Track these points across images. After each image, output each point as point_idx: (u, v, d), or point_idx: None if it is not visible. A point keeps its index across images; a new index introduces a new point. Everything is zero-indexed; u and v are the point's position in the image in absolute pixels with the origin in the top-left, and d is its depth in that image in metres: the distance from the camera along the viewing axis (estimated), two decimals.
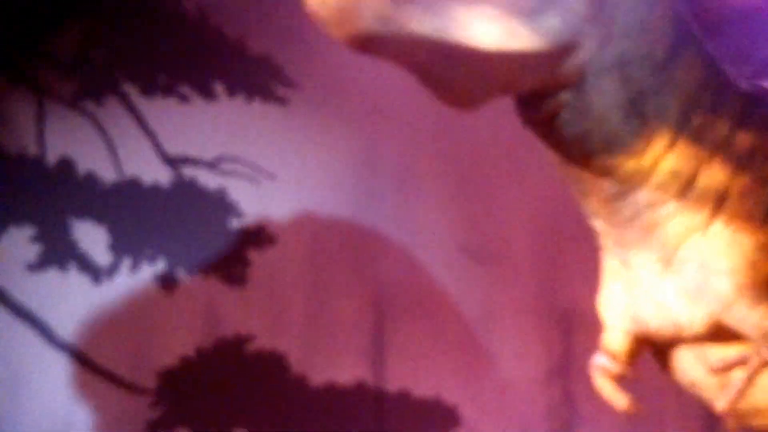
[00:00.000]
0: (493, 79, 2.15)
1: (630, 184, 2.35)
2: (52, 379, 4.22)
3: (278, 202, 4.65)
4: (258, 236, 4.62)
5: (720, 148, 2.36)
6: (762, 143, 2.44)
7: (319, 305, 4.74)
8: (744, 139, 2.41)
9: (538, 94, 2.22)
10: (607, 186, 2.38)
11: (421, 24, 1.93)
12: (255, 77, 4.62)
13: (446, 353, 4.92)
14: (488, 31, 1.98)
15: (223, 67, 4.60)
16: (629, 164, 2.32)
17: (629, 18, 2.20)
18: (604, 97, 2.21)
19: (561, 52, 2.10)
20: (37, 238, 4.27)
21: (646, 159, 2.32)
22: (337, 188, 4.84)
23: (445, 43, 1.97)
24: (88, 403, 4.27)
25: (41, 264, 4.27)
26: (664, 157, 2.33)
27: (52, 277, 4.29)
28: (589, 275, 2.97)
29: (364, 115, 4.69)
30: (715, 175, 2.36)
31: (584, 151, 2.31)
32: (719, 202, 2.35)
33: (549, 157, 2.40)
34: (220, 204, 4.58)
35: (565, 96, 2.21)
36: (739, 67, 2.79)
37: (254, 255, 4.62)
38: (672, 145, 2.30)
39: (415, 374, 4.84)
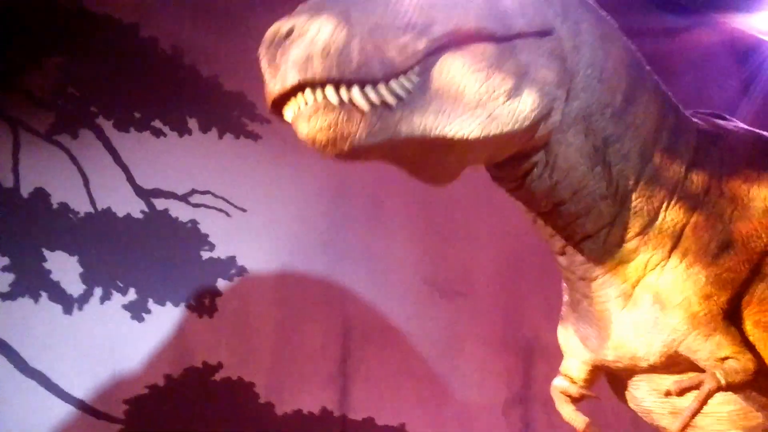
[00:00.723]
0: (471, 159, 2.21)
1: (596, 225, 2.46)
2: (22, 406, 4.19)
3: (248, 234, 4.71)
4: (228, 267, 4.69)
5: (677, 187, 2.47)
6: (716, 181, 2.54)
7: (286, 335, 4.78)
8: (699, 177, 2.50)
9: (510, 158, 2.28)
10: (575, 228, 2.49)
11: (410, 126, 1.98)
12: (227, 113, 4.72)
13: (410, 382, 4.98)
14: (471, 122, 2.02)
15: (197, 103, 4.68)
16: (596, 209, 2.43)
17: (588, 71, 2.29)
18: (570, 150, 2.30)
19: (538, 123, 2.16)
20: (9, 268, 4.26)
21: (612, 202, 2.43)
22: (306, 221, 4.89)
23: (431, 139, 2.01)
24: (57, 431, 4.26)
25: (13, 293, 4.26)
26: (628, 198, 2.44)
27: (23, 305, 4.28)
28: (549, 308, 3.06)
29: None
30: (674, 213, 2.45)
31: (553, 201, 2.39)
32: (676, 238, 2.46)
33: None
34: (192, 236, 4.64)
35: (536, 157, 2.28)
36: (696, 109, 2.89)
37: (224, 285, 4.68)
38: (635, 186, 2.41)
39: (380, 403, 4.90)
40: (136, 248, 4.52)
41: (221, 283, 4.68)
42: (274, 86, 1.93)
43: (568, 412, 2.84)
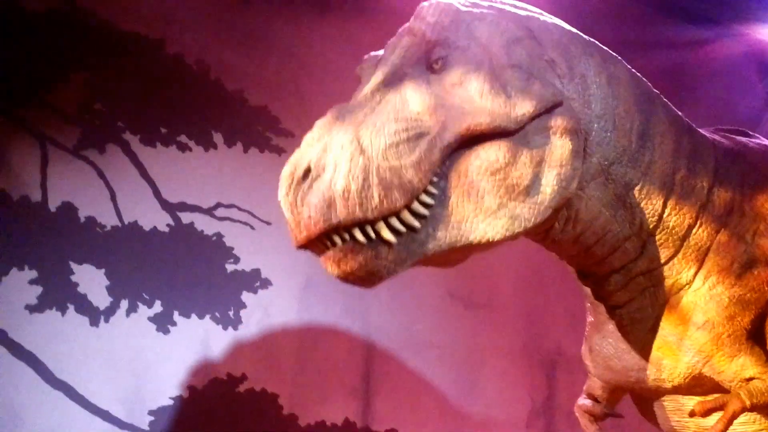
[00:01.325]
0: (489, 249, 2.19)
1: (622, 261, 2.45)
2: (49, 419, 4.23)
3: (273, 247, 4.72)
4: (253, 280, 4.72)
5: (700, 213, 2.46)
6: (738, 200, 2.53)
7: (310, 347, 4.79)
8: (720, 199, 2.49)
9: None
10: (602, 266, 2.49)
11: (436, 242, 1.98)
12: (252, 128, 4.76)
13: (433, 394, 4.98)
14: (494, 225, 2.01)
15: (222, 117, 4.72)
16: (621, 248, 2.42)
17: (602, 123, 2.30)
18: (591, 202, 2.31)
19: (561, 205, 2.17)
20: (37, 281, 4.30)
21: (637, 239, 2.42)
22: None
23: (457, 248, 2.02)
24: None
25: (41, 306, 4.30)
26: (653, 233, 2.42)
27: (51, 318, 4.31)
28: (573, 320, 3.08)
29: None
30: (697, 237, 2.45)
31: (579, 248, 2.42)
32: (700, 261, 2.45)
33: None
34: (217, 249, 4.67)
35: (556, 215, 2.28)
36: (719, 122, 2.88)
37: (248, 297, 4.71)
38: (658, 222, 2.40)
39: (403, 415, 4.90)
40: (162, 261, 4.56)
41: (246, 296, 4.70)
42: (300, 233, 1.96)
43: (592, 431, 2.85)
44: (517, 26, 2.26)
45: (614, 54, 2.49)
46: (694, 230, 2.44)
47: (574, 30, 2.44)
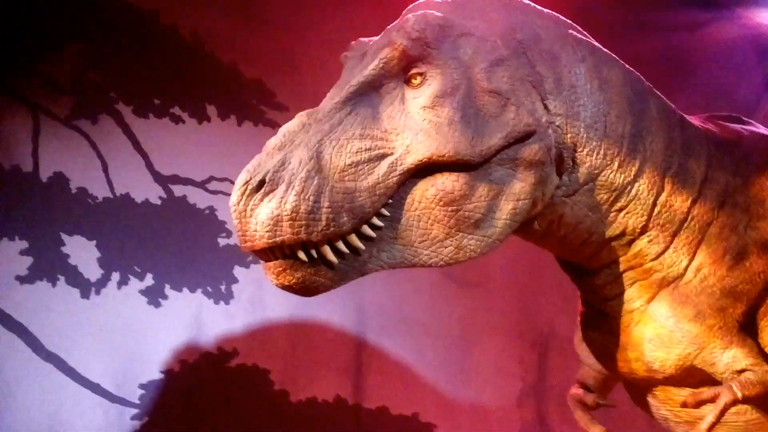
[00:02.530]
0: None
1: (610, 258, 2.44)
2: (39, 389, 4.23)
3: None
4: (245, 254, 4.66)
5: (691, 208, 2.43)
6: (731, 192, 2.51)
7: (302, 323, 4.78)
8: (713, 192, 2.46)
9: None
10: (590, 262, 2.47)
11: (378, 263, 2.03)
12: (246, 101, 4.72)
13: (425, 372, 4.98)
14: (438, 253, 2.05)
15: (216, 90, 4.69)
16: (607, 247, 2.41)
17: (591, 133, 2.27)
18: (577, 207, 2.30)
19: (512, 232, 2.17)
20: (27, 251, 4.29)
21: (625, 240, 2.39)
22: None
23: (403, 266, 2.06)
24: (73, 414, 4.29)
25: (31, 276, 4.30)
26: (642, 232, 2.40)
27: (41, 289, 4.31)
28: (565, 300, 3.06)
29: None
30: (689, 232, 2.42)
31: (564, 248, 2.41)
32: (692, 254, 2.43)
33: None
34: (209, 223, 4.65)
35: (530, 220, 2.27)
36: (718, 106, 2.85)
37: (240, 272, 4.69)
38: (647, 221, 2.38)
39: (394, 392, 4.90)
40: (154, 234, 4.54)
41: (238, 270, 4.69)
42: (244, 242, 1.99)
43: (585, 421, 2.86)
44: (505, 42, 2.21)
45: (608, 53, 2.44)
46: (685, 224, 2.43)
47: (569, 31, 2.37)
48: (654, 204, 2.38)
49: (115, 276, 4.46)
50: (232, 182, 4.56)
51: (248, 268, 4.69)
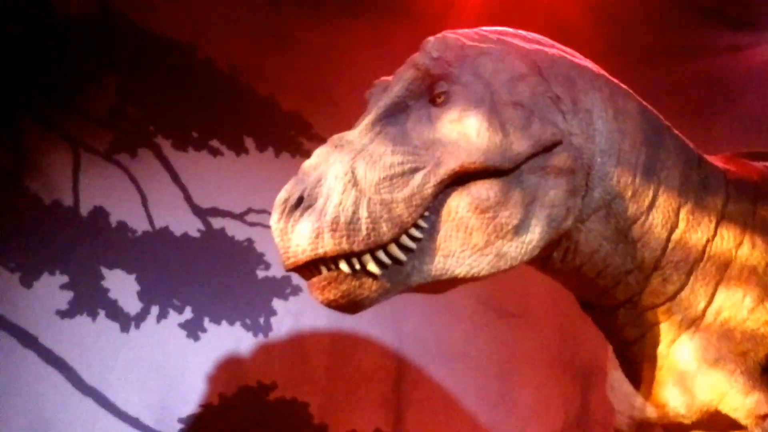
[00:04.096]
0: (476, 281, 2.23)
1: (626, 294, 2.42)
2: (79, 424, 4.23)
3: None
4: (283, 287, 4.69)
5: (707, 246, 2.40)
6: (749, 232, 2.47)
7: (341, 355, 4.77)
8: (730, 232, 2.43)
9: None
10: (606, 299, 2.45)
11: (420, 275, 2.04)
12: (284, 132, 4.73)
13: (465, 405, 4.93)
14: (480, 262, 2.06)
15: (254, 122, 4.70)
16: (623, 282, 2.39)
17: (605, 158, 2.28)
18: (592, 235, 2.30)
19: (550, 243, 2.19)
20: (68, 286, 4.31)
21: (639, 273, 2.38)
22: None
23: (442, 282, 2.08)
24: None
25: (71, 311, 4.31)
26: (656, 267, 2.38)
27: (81, 323, 4.32)
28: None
29: None
30: (705, 271, 2.39)
31: (580, 280, 2.40)
32: (710, 296, 2.40)
33: None
34: (248, 255, 4.65)
35: (553, 246, 2.29)
36: (757, 131, 2.83)
37: (279, 304, 4.68)
38: (662, 255, 2.36)
39: (434, 425, 4.85)
40: (193, 267, 4.55)
41: (276, 303, 4.68)
42: (287, 260, 2.03)
43: None
44: (523, 62, 2.27)
45: (625, 88, 2.47)
46: (701, 264, 2.40)
47: (584, 63, 2.43)
48: (668, 239, 2.37)
49: (155, 309, 4.47)
50: (270, 214, 4.67)
51: (286, 300, 4.68)
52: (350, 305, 2.05)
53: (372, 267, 1.98)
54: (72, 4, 4.43)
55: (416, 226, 2.04)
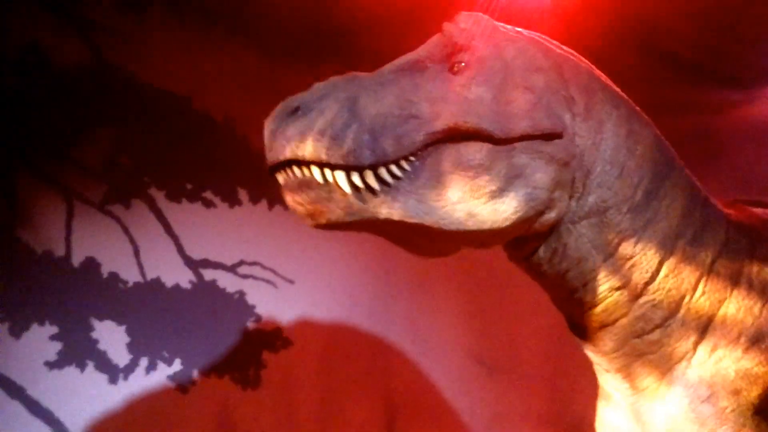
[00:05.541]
0: (456, 245, 2.28)
1: (612, 316, 2.40)
2: None
3: (295, 306, 4.71)
4: (274, 339, 4.68)
5: (701, 279, 2.41)
6: (746, 273, 2.48)
7: (331, 408, 4.75)
8: (727, 270, 2.44)
9: (513, 240, 2.32)
10: (591, 317, 2.45)
11: (389, 210, 2.07)
12: (277, 184, 4.72)
13: None
14: (450, 215, 2.09)
15: (248, 174, 4.72)
16: (610, 299, 2.38)
17: (607, 168, 2.30)
18: (581, 240, 2.30)
19: (524, 222, 2.19)
20: (57, 337, 4.28)
21: (628, 294, 2.39)
22: (353, 294, 4.89)
23: (408, 224, 2.09)
24: None
25: (60, 362, 4.28)
26: (646, 290, 2.40)
27: (70, 375, 4.29)
28: (597, 387, 3.00)
29: None
30: (698, 305, 2.40)
31: (566, 288, 2.38)
32: (702, 331, 2.40)
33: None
34: (239, 307, 4.65)
35: (538, 241, 2.31)
36: (746, 187, 2.85)
37: (269, 357, 4.66)
38: (652, 279, 2.36)
39: None
40: (183, 318, 4.54)
41: (266, 355, 4.67)
42: (268, 158, 2.13)
43: None
44: (546, 58, 2.32)
45: (647, 118, 2.48)
46: (693, 297, 2.40)
47: (606, 81, 2.45)
48: (660, 264, 2.37)
49: (144, 361, 4.44)
50: (263, 266, 4.71)
51: (277, 353, 4.68)
52: (315, 213, 2.08)
53: (343, 183, 2.01)
54: (67, 55, 4.47)
55: (398, 165, 2.06)
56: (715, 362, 2.36)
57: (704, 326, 2.39)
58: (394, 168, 2.06)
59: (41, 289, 4.30)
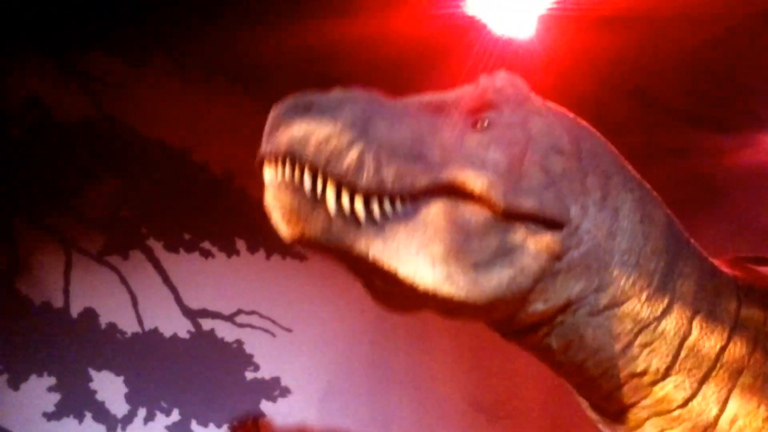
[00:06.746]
0: (426, 304, 2.08)
1: (633, 399, 2.40)
2: None
3: (293, 354, 4.68)
4: (272, 388, 4.66)
5: (720, 354, 2.37)
6: (761, 340, 2.44)
7: None
8: (743, 340, 2.39)
9: (503, 323, 2.19)
10: (610, 402, 2.43)
11: (367, 246, 1.92)
12: (275, 234, 4.73)
13: None
14: (426, 271, 1.96)
15: (246, 224, 4.69)
16: (629, 384, 2.38)
17: (624, 258, 2.21)
18: (600, 331, 2.22)
19: (500, 304, 2.07)
20: (56, 388, 4.29)
21: (649, 379, 2.36)
22: (351, 342, 4.87)
23: (381, 268, 1.94)
24: None
25: (58, 413, 4.28)
26: (667, 374, 2.37)
27: (68, 426, 4.30)
28: None
29: None
30: (718, 379, 2.37)
31: (584, 378, 2.28)
32: (722, 404, 2.37)
33: None
34: (237, 356, 4.63)
35: (543, 331, 2.17)
36: (742, 232, 2.82)
37: (268, 407, 4.64)
38: (673, 362, 2.31)
39: None
40: (182, 368, 4.54)
41: (265, 405, 4.65)
42: (265, 145, 1.92)
43: None
44: (570, 141, 2.22)
45: (655, 194, 2.45)
46: (714, 371, 2.35)
47: (623, 162, 2.42)
48: (680, 346, 2.32)
49: (142, 412, 4.43)
50: (261, 315, 4.70)
51: (275, 402, 4.65)
52: (292, 221, 1.89)
53: (331, 201, 1.86)
54: (68, 108, 4.51)
55: (392, 202, 1.92)
56: None
57: (725, 399, 2.31)
58: (386, 203, 1.93)
59: (40, 340, 4.31)
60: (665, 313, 2.28)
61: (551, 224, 2.09)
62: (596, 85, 4.19)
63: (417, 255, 1.96)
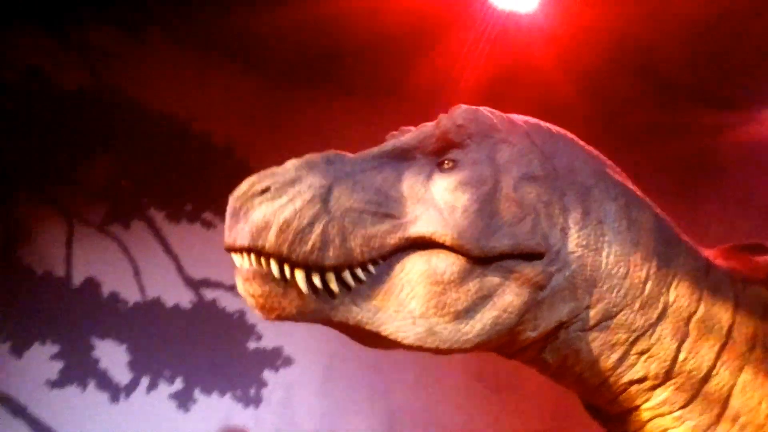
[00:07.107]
0: (415, 351, 2.08)
1: (635, 402, 2.30)
2: None
3: (295, 324, 4.67)
4: (274, 358, 4.69)
5: (720, 352, 2.34)
6: (761, 333, 2.39)
7: (332, 426, 4.73)
8: (741, 336, 2.31)
9: (496, 350, 2.17)
10: (613, 406, 2.38)
11: (345, 315, 1.92)
12: None
13: None
14: (408, 330, 1.96)
15: None
16: (630, 390, 2.28)
17: (614, 270, 2.19)
18: (595, 344, 2.21)
19: (489, 343, 2.06)
20: (59, 356, 4.31)
21: (649, 383, 2.30)
22: None
23: (364, 330, 1.95)
24: None
25: (61, 381, 4.31)
26: (667, 377, 2.29)
27: (71, 393, 4.32)
28: None
29: None
30: (719, 378, 2.35)
31: (584, 387, 2.29)
32: (724, 401, 2.32)
33: None
34: (239, 326, 4.65)
35: (539, 351, 2.18)
36: (746, 208, 2.77)
37: (270, 376, 4.68)
38: (672, 364, 2.27)
39: None
40: (184, 338, 4.55)
41: (267, 374, 4.67)
42: (227, 238, 1.95)
43: None
44: (542, 163, 2.19)
45: (642, 196, 2.39)
46: (714, 371, 2.32)
47: (606, 169, 2.36)
48: (678, 350, 2.29)
49: (145, 380, 4.46)
50: None
51: (277, 371, 4.67)
52: (266, 308, 1.92)
53: (301, 283, 1.88)
54: (68, 79, 4.50)
55: (364, 268, 1.94)
56: (739, 430, 2.31)
57: (726, 397, 2.33)
58: (358, 271, 1.93)
59: (42, 309, 4.32)
60: (660, 318, 2.25)
61: (530, 256, 2.07)
62: (599, 61, 4.16)
63: (396, 314, 1.96)
